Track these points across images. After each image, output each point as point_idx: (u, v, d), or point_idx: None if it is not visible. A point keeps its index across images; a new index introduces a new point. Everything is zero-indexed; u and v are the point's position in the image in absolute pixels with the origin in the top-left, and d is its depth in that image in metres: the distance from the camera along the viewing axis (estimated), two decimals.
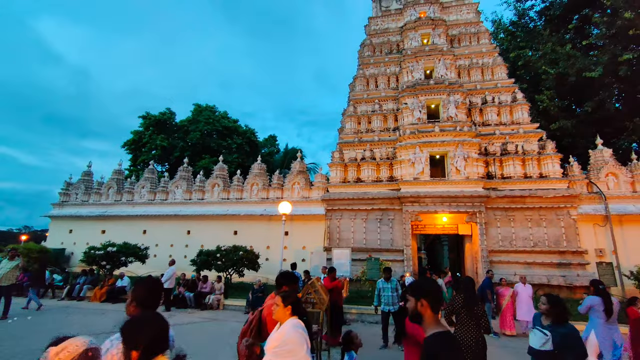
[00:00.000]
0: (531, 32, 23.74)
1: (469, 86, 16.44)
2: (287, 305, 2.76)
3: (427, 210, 14.01)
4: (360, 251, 14.24)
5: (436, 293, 2.21)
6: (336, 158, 15.88)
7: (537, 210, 13.54)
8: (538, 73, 20.55)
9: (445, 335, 2.07)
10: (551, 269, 12.94)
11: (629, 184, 13.41)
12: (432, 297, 2.17)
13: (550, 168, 13.88)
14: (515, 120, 15.34)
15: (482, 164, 14.27)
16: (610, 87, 18.61)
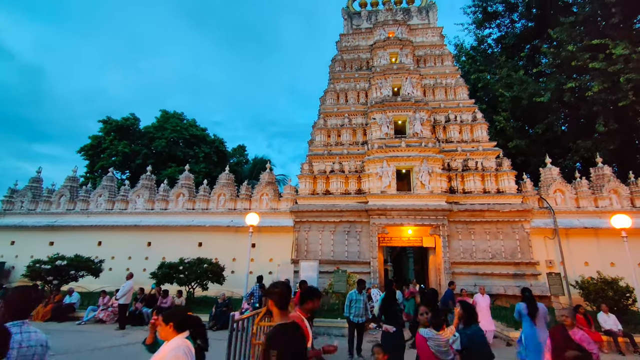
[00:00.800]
0: (489, 57, 25.60)
1: (434, 104, 17.28)
2: (167, 324, 2.62)
3: (394, 223, 14.35)
4: (327, 263, 14.22)
5: (280, 293, 2.62)
6: (305, 170, 15.92)
7: (495, 223, 14.32)
8: (495, 95, 22.09)
9: (284, 325, 2.47)
10: (508, 280, 13.64)
11: (574, 200, 14.60)
12: (277, 297, 2.61)
13: (506, 184, 14.80)
14: (475, 138, 16.29)
15: (445, 178, 14.94)
16: (557, 111, 20.39)
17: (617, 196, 14.31)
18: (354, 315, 7.16)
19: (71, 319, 11.38)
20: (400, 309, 5.82)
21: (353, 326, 7.23)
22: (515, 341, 7.08)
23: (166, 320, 2.64)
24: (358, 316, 7.22)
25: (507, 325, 10.08)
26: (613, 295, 10.51)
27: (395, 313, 5.91)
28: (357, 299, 7.26)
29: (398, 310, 5.90)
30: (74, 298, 12.25)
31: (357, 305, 7.15)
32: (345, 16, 21.80)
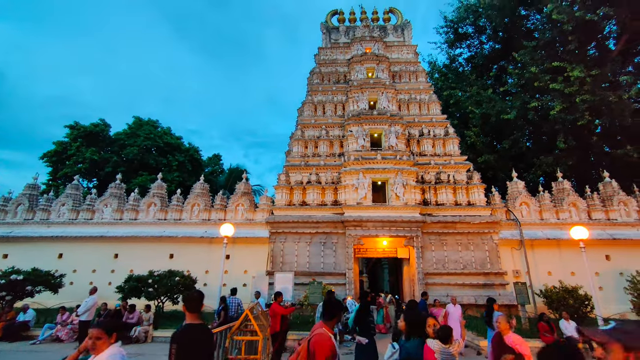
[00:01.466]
0: (460, 75, 26.89)
1: (408, 119, 17.85)
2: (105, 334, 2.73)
3: (369, 234, 14.51)
4: (303, 275, 14.10)
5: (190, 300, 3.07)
6: (282, 180, 15.87)
7: (466, 235, 14.80)
8: (466, 112, 23.15)
9: (190, 325, 3.00)
10: (478, 290, 14.05)
11: (537, 212, 15.39)
12: (187, 302, 3.07)
13: (476, 197, 15.40)
14: (447, 152, 16.91)
15: (419, 191, 15.35)
16: (522, 128, 21.62)
17: (575, 209, 15.23)
18: None
19: (25, 338, 10.55)
20: (373, 319, 5.85)
21: None
22: (486, 349, 7.30)
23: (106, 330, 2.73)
24: None
25: (478, 334, 10.33)
26: (573, 303, 11.08)
27: (368, 324, 5.93)
28: None
29: (371, 321, 5.93)
30: (29, 315, 11.39)
31: None
32: (323, 30, 22.28)
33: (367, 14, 22.85)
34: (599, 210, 15.15)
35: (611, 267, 14.08)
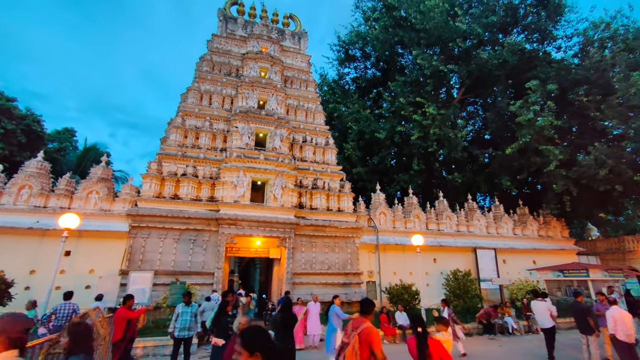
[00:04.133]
0: (346, 92, 29.58)
1: (295, 124, 18.53)
2: None
3: (243, 233, 14.34)
4: (166, 274, 12.87)
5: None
6: (153, 169, 14.20)
7: (334, 238, 16.22)
8: (346, 126, 25.54)
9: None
10: (339, 288, 15.53)
11: (392, 221, 18.12)
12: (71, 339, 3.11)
13: (345, 204, 17.08)
14: (326, 160, 18.25)
15: (297, 194, 16.05)
16: (389, 148, 25.21)
17: (418, 220, 18.61)
18: (179, 329, 6.66)
19: None
20: (230, 320, 5.75)
21: (177, 342, 6.69)
22: None
23: None
24: (184, 330, 6.75)
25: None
26: (407, 297, 13.46)
27: (226, 325, 5.81)
28: (184, 312, 6.79)
29: (230, 321, 5.82)
30: None
31: (183, 318, 6.68)
32: (221, 17, 21.13)
33: (267, 13, 22.79)
34: (433, 222, 18.90)
35: (436, 267, 17.69)
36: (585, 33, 22.00)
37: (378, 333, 3.71)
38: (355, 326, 3.80)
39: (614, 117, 17.95)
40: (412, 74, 24.67)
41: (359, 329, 3.71)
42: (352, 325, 3.90)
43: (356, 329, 3.74)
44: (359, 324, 3.80)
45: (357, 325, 3.79)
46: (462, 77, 23.84)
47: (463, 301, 14.35)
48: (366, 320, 3.85)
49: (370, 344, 3.56)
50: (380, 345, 3.63)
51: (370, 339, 3.57)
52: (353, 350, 3.59)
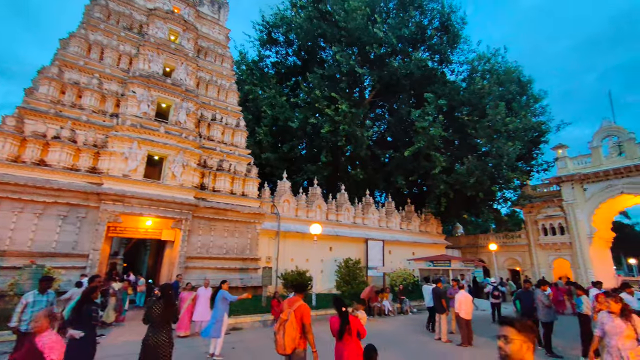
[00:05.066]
0: (264, 75, 28.79)
1: (204, 99, 17.27)
2: None
3: (132, 212, 12.85)
4: (20, 256, 10.68)
5: None
6: (10, 126, 11.49)
7: (235, 222, 15.84)
8: (261, 110, 24.96)
9: None
10: (235, 273, 15.30)
11: (295, 209, 18.59)
12: None
13: (251, 189, 16.80)
14: (235, 142, 17.56)
15: (199, 174, 15.09)
16: (301, 138, 25.65)
17: (320, 210, 19.53)
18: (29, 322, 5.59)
19: None
20: (95, 309, 5.08)
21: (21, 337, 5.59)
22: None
23: None
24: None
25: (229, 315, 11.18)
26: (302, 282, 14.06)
27: (89, 314, 5.11)
28: (36, 301, 5.72)
29: (94, 310, 5.14)
30: None
31: (35, 308, 5.60)
32: None
33: None
34: (333, 213, 20.09)
35: (332, 255, 18.90)
36: (472, 63, 25.97)
37: (309, 309, 4.52)
38: (291, 304, 4.52)
39: (483, 137, 21.78)
40: (330, 69, 25.39)
41: (294, 306, 4.44)
42: (287, 302, 4.63)
43: (292, 306, 4.46)
44: (294, 302, 4.52)
45: (292, 303, 4.52)
46: (374, 80, 25.64)
47: (351, 287, 15.69)
48: (299, 299, 4.62)
49: (302, 317, 4.38)
50: (310, 318, 4.47)
51: (303, 313, 4.39)
52: (291, 324, 4.34)
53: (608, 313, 4.50)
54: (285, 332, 4.31)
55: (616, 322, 4.36)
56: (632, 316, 4.34)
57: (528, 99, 25.53)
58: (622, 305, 4.39)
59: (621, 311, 4.38)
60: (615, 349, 4.26)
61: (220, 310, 7.78)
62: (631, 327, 4.28)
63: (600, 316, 4.65)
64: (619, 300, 4.44)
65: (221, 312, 7.78)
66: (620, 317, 4.35)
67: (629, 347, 4.20)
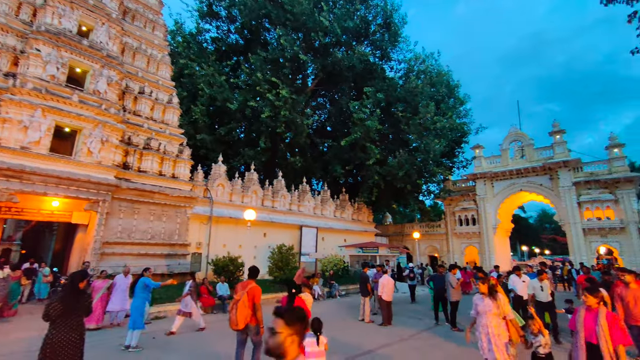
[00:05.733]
0: (203, 51, 26.88)
1: (131, 69, 15.54)
2: None
3: (33, 191, 11.13)
4: None
5: None
6: None
7: (162, 206, 14.75)
8: (197, 88, 23.36)
9: None
10: (160, 260, 14.33)
11: (229, 194, 17.98)
12: None
13: (182, 171, 15.76)
14: (166, 120, 16.21)
15: (122, 152, 13.66)
16: (240, 121, 24.69)
17: (255, 196, 19.19)
18: None
19: None
20: None
21: None
22: None
23: None
24: None
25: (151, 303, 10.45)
26: (232, 269, 13.78)
27: None
28: None
29: None
30: None
31: None
32: None
33: None
34: (269, 199, 19.93)
35: (266, 241, 18.80)
36: (409, 62, 27.55)
37: (260, 290, 5.12)
38: (244, 286, 5.07)
39: (415, 133, 23.40)
40: (274, 52, 24.69)
41: (247, 288, 5.00)
42: (241, 285, 5.18)
43: (245, 288, 5.02)
44: (247, 285, 5.08)
45: (245, 286, 5.08)
46: (318, 69, 25.68)
47: (283, 272, 15.85)
48: (252, 282, 5.15)
49: (254, 297, 4.99)
50: (260, 298, 5.11)
51: (254, 294, 5.00)
52: (243, 303, 4.89)
53: (480, 294, 4.77)
54: (238, 310, 4.87)
55: (486, 301, 4.64)
56: (498, 295, 4.63)
57: (455, 102, 28.03)
58: (489, 285, 4.70)
59: (489, 291, 4.65)
60: (484, 326, 4.53)
61: (140, 299, 7.29)
62: (498, 305, 4.57)
63: (474, 298, 4.91)
64: (487, 282, 4.76)
65: (141, 301, 7.29)
66: (489, 297, 4.63)
67: (496, 325, 4.48)
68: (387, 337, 8.14)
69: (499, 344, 4.38)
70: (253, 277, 5.29)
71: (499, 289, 5.48)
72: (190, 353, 6.65)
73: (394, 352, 6.98)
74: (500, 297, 4.65)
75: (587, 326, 3.88)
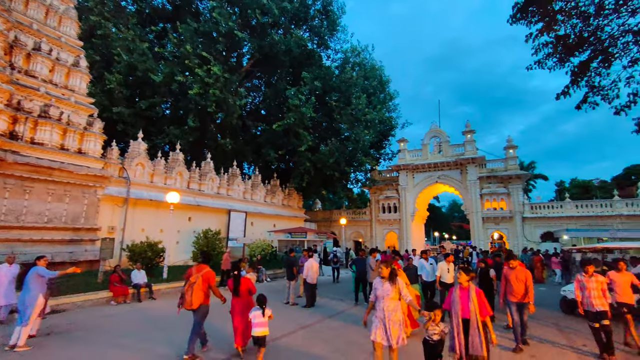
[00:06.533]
0: (121, 10, 23.65)
1: (22, 19, 12.94)
2: None
3: None
4: None
5: None
6: None
7: (65, 185, 12.86)
8: (114, 53, 20.58)
9: None
10: (61, 246, 12.57)
11: (150, 175, 16.47)
12: None
13: (92, 146, 13.88)
14: (71, 86, 13.98)
15: (8, 118, 11.42)
16: (165, 95, 22.54)
17: (180, 178, 17.93)
18: None
19: None
20: None
21: None
22: None
23: None
24: None
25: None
26: (151, 255, 12.76)
27: None
28: None
29: None
30: None
31: None
32: None
33: None
34: (196, 182, 18.81)
35: (191, 226, 17.79)
36: (346, 53, 28.07)
37: (214, 273, 5.67)
38: (199, 270, 5.49)
39: (346, 123, 24.16)
40: (206, 25, 22.85)
41: (202, 271, 5.45)
42: (196, 269, 5.55)
43: (200, 271, 5.45)
44: (202, 268, 5.52)
45: (200, 269, 5.50)
46: (254, 49, 24.63)
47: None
48: (206, 266, 5.62)
49: (209, 279, 5.49)
50: (215, 280, 5.60)
51: (209, 277, 5.49)
52: (198, 286, 5.33)
53: (380, 278, 4.60)
54: (193, 292, 5.31)
55: (385, 286, 4.47)
56: (397, 279, 4.52)
57: (385, 96, 29.57)
58: (390, 269, 4.55)
59: (389, 275, 4.51)
60: (381, 310, 4.41)
61: (32, 292, 6.31)
62: (397, 289, 4.45)
63: (374, 282, 4.71)
64: (389, 266, 4.59)
65: (32, 294, 6.31)
66: (389, 281, 4.47)
67: (392, 309, 4.37)
68: (309, 319, 8.45)
69: (394, 329, 4.29)
70: (206, 262, 5.86)
71: (400, 272, 5.93)
72: (89, 348, 6.01)
73: (308, 334, 7.28)
74: (400, 282, 4.55)
75: (463, 303, 4.26)
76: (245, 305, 5.64)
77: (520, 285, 6.20)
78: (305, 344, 6.42)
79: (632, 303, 6.29)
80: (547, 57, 10.02)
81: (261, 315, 5.08)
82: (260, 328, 5.05)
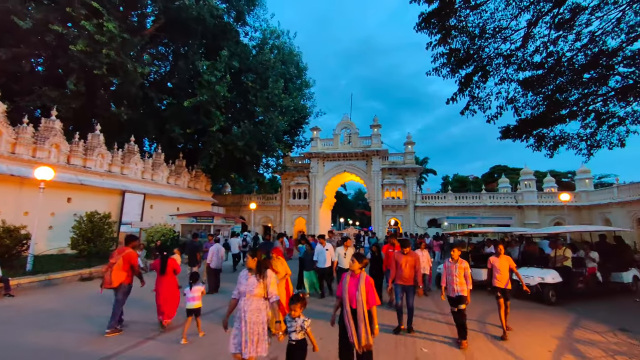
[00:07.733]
0: None
1: None
2: None
3: None
4: None
5: None
6: None
7: None
8: None
9: None
10: None
11: (11, 144, 13.32)
12: None
13: None
14: None
15: None
16: (35, 47, 18.31)
17: (57, 151, 14.98)
18: None
19: None
20: None
21: None
22: None
23: None
24: None
25: None
26: (10, 243, 10.44)
27: None
28: None
29: None
30: None
31: None
32: None
33: None
34: (79, 157, 16.00)
35: (70, 208, 15.13)
36: (265, 33, 27.10)
37: (136, 254, 6.19)
38: (121, 252, 5.97)
39: (261, 106, 23.54)
40: None
41: (123, 253, 5.93)
42: (118, 251, 6.02)
43: (121, 253, 5.93)
44: (123, 250, 5.98)
45: (122, 251, 5.96)
46: (160, 10, 21.78)
47: (94, 245, 13.21)
48: (129, 248, 6.09)
49: (130, 260, 5.98)
50: (136, 260, 6.12)
51: (130, 258, 5.99)
52: (118, 266, 5.81)
53: (247, 269, 3.87)
54: (113, 272, 5.78)
55: (250, 280, 3.75)
56: (266, 272, 3.83)
57: (301, 84, 29.66)
58: (258, 261, 3.85)
59: (256, 267, 3.82)
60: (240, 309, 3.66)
61: None
62: (263, 286, 3.74)
63: (240, 275, 3.89)
64: (257, 256, 3.88)
65: None
66: (256, 274, 3.78)
67: (254, 309, 3.62)
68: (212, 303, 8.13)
69: (255, 332, 3.54)
70: (127, 245, 6.20)
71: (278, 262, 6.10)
72: None
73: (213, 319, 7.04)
74: (270, 275, 3.84)
75: (350, 292, 3.86)
76: (169, 283, 6.19)
77: (409, 270, 6.45)
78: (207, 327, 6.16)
79: (509, 287, 6.29)
80: (442, 66, 11.38)
81: (195, 290, 5.80)
82: (194, 302, 5.75)
